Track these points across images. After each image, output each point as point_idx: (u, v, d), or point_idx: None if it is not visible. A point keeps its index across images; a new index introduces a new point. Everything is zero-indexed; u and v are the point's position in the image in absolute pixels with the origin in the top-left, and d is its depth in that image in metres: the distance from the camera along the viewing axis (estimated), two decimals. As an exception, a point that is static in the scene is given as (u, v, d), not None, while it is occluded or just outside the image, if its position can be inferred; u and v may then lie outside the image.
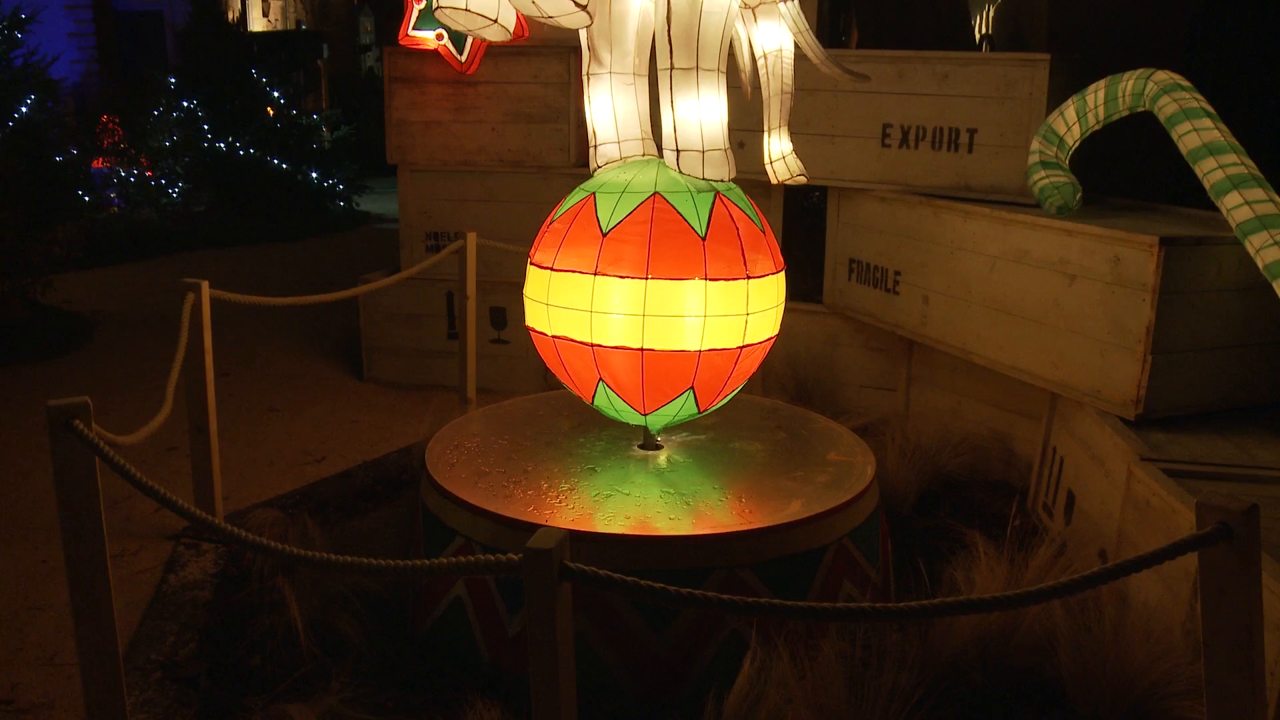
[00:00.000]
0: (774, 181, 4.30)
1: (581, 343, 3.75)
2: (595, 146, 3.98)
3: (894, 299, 6.01)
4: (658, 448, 4.14)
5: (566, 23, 3.57)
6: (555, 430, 4.39)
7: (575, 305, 3.72)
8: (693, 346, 3.66)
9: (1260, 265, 4.15)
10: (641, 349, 3.65)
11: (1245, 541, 2.26)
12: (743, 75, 4.32)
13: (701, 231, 3.67)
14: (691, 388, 3.76)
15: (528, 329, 4.01)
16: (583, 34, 3.97)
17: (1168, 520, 3.70)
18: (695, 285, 3.62)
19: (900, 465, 5.10)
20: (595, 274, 3.67)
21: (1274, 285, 4.07)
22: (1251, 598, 2.28)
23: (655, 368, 3.69)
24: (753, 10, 4.18)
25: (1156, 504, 3.80)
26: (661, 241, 3.64)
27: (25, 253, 8.69)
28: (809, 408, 5.17)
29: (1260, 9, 9.84)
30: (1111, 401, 4.62)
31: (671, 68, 3.68)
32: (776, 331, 3.98)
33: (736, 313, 3.68)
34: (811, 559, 3.57)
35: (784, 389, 6.23)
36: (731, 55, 4.06)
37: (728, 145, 3.85)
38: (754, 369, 3.99)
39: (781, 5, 4.11)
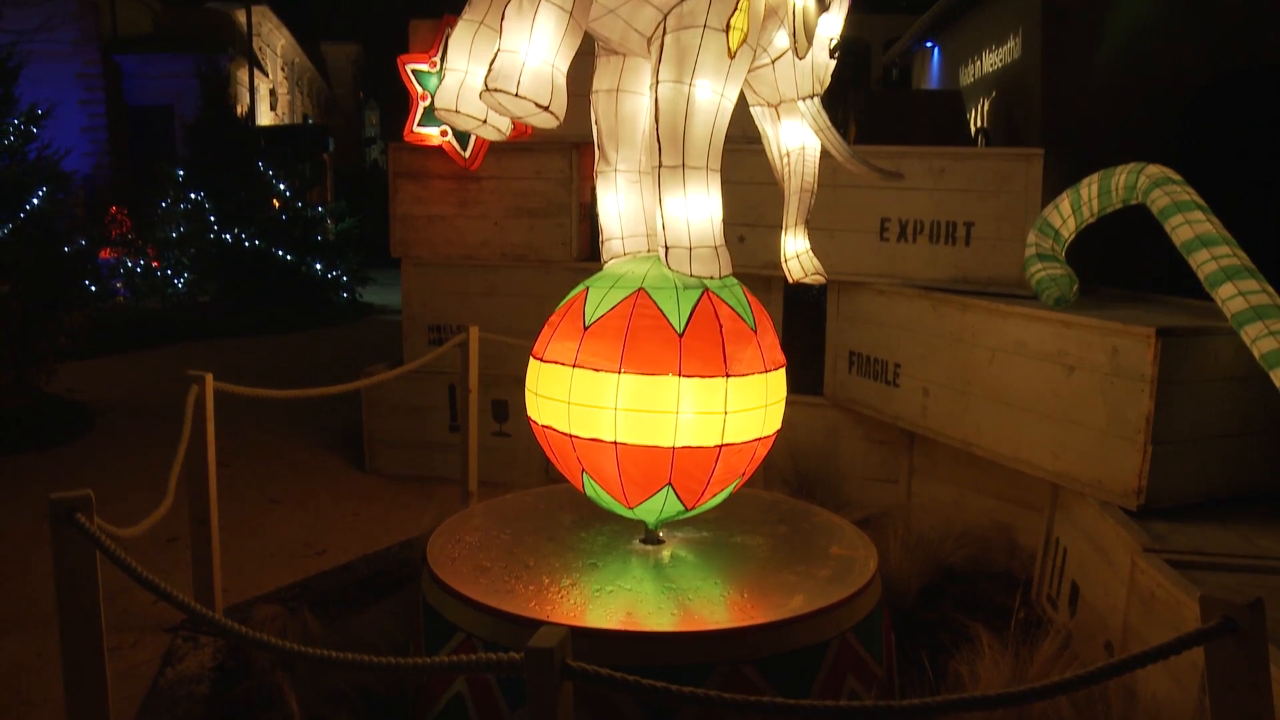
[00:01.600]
0: (790, 280, 4.28)
1: (563, 433, 3.78)
2: (603, 241, 4.05)
3: (894, 391, 6.04)
4: (659, 542, 4.11)
5: (536, 123, 3.60)
6: (556, 524, 4.38)
7: (556, 396, 3.76)
8: (666, 442, 3.64)
9: (1257, 355, 4.18)
10: (615, 442, 3.66)
11: (1252, 635, 2.25)
12: (774, 173, 4.35)
13: (680, 328, 3.67)
14: (670, 484, 3.74)
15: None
16: (594, 131, 4.05)
17: (1173, 612, 3.67)
18: (669, 381, 3.61)
19: (903, 558, 5.08)
20: (574, 366, 3.71)
21: (1271, 375, 4.10)
22: (1260, 692, 2.26)
23: (631, 462, 3.68)
24: (775, 108, 4.23)
25: (1161, 596, 3.78)
26: (637, 336, 3.66)
27: (31, 342, 8.75)
28: (810, 500, 5.16)
29: (1248, 103, 10.04)
30: (1113, 492, 4.61)
31: (659, 165, 3.72)
32: (770, 431, 3.91)
33: (713, 410, 3.65)
34: (814, 654, 3.53)
35: (785, 481, 6.22)
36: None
37: (719, 242, 3.83)
38: (745, 468, 3.92)
39: (801, 104, 4.12)
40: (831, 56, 4.18)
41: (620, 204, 4.05)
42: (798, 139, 4.23)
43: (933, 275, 6.02)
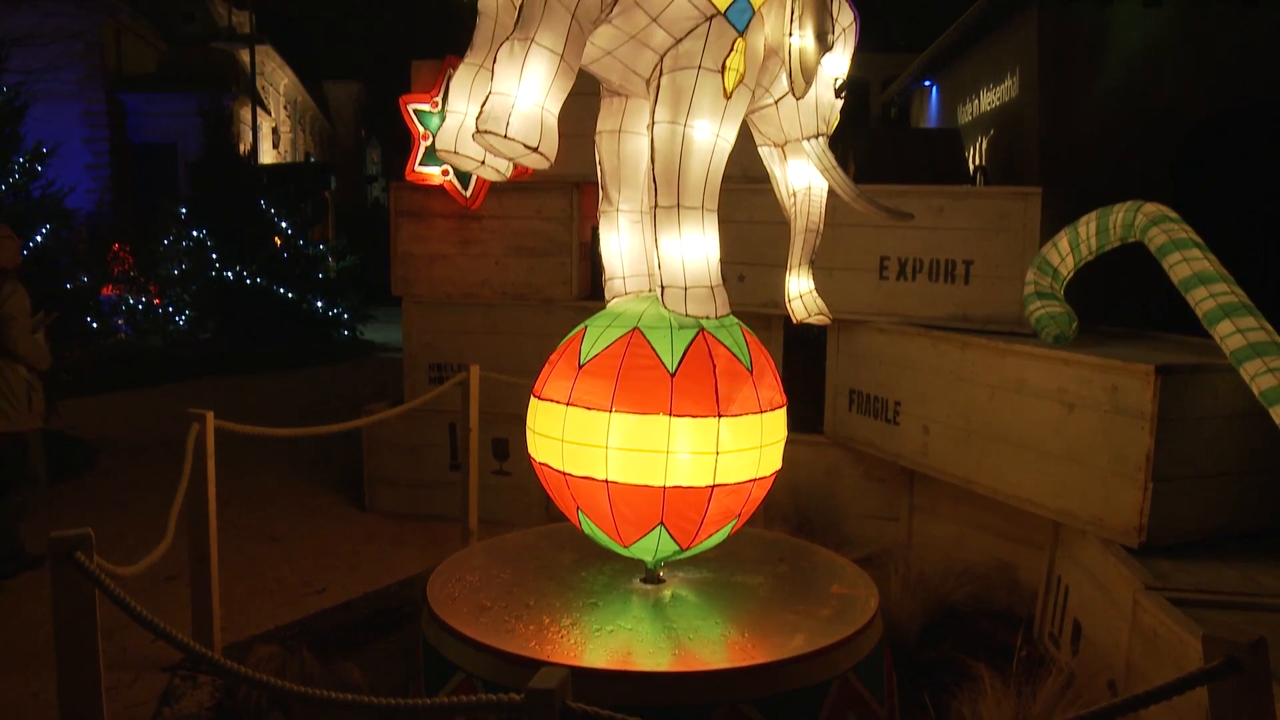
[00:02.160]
0: (794, 320, 4.29)
1: (558, 471, 3.79)
2: (606, 281, 4.07)
3: (894, 429, 6.04)
4: (659, 582, 4.10)
5: (528, 163, 3.62)
6: (557, 564, 4.37)
7: (551, 434, 3.78)
8: (657, 482, 3.64)
9: (1256, 392, 4.19)
10: (607, 481, 3.67)
11: (1255, 675, 2.24)
12: (783, 213, 4.36)
13: (672, 367, 3.67)
14: (662, 523, 3.73)
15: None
16: (598, 172, 4.09)
17: (1176, 650, 3.66)
18: (659, 420, 3.62)
19: (904, 596, 5.05)
20: (568, 404, 3.73)
21: (1270, 412, 4.10)
22: (1263, 733, 2.25)
23: (623, 501, 3.68)
24: (781, 148, 4.25)
25: (1164, 634, 3.76)
26: (629, 376, 3.67)
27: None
28: (811, 539, 5.15)
29: (1243, 140, 10.11)
30: (1114, 529, 4.60)
31: (655, 205, 3.75)
32: (766, 472, 3.89)
33: (705, 451, 3.65)
34: (815, 694, 3.51)
35: (786, 520, 6.21)
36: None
37: (716, 282, 3.83)
38: (741, 509, 3.90)
39: (806, 144, 4.15)
40: (838, 96, 4.21)
41: (622, 243, 4.07)
42: (804, 179, 4.24)
43: (932, 313, 6.04)
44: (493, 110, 3.39)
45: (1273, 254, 9.23)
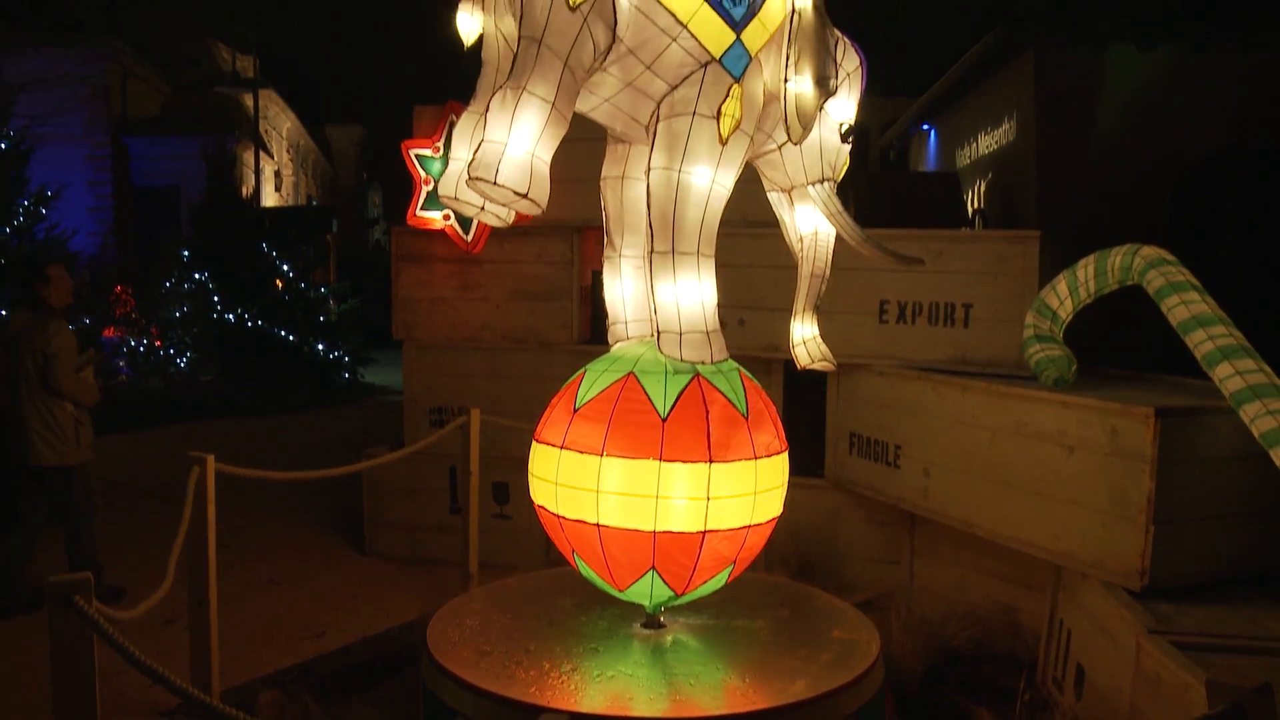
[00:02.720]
0: (798, 366, 4.29)
1: (553, 513, 3.79)
2: (609, 325, 4.09)
3: (895, 472, 6.03)
4: (660, 627, 4.08)
5: (519, 209, 3.65)
6: (557, 608, 4.35)
7: (547, 476, 3.79)
8: (647, 526, 3.62)
9: (1256, 434, 4.19)
10: (598, 525, 3.66)
11: (1257, 722, 2.23)
12: (794, 258, 4.37)
13: (664, 412, 3.67)
14: (654, 568, 3.72)
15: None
16: (603, 217, 4.11)
17: (1180, 695, 3.64)
18: (649, 465, 3.61)
19: (905, 640, 5.03)
20: (562, 447, 3.73)
21: (1271, 454, 4.10)
22: (1266, 781, 2.24)
23: (614, 544, 3.68)
24: (788, 193, 4.26)
25: (1168, 678, 3.74)
26: (621, 420, 3.67)
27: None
28: (812, 582, 5.13)
29: (1239, 184, 10.18)
30: (1116, 573, 4.59)
31: (651, 251, 3.77)
32: (762, 519, 3.84)
33: (696, 496, 3.63)
34: (818, 740, 3.49)
35: (786, 564, 6.19)
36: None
37: (712, 327, 3.83)
38: (736, 555, 3.86)
39: (811, 189, 4.15)
40: (844, 141, 4.21)
41: (625, 289, 4.09)
42: (810, 224, 4.24)
43: (932, 356, 6.06)
44: (484, 157, 3.43)
45: (1270, 297, 9.26)
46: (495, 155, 3.43)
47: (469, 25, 3.92)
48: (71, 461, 6.39)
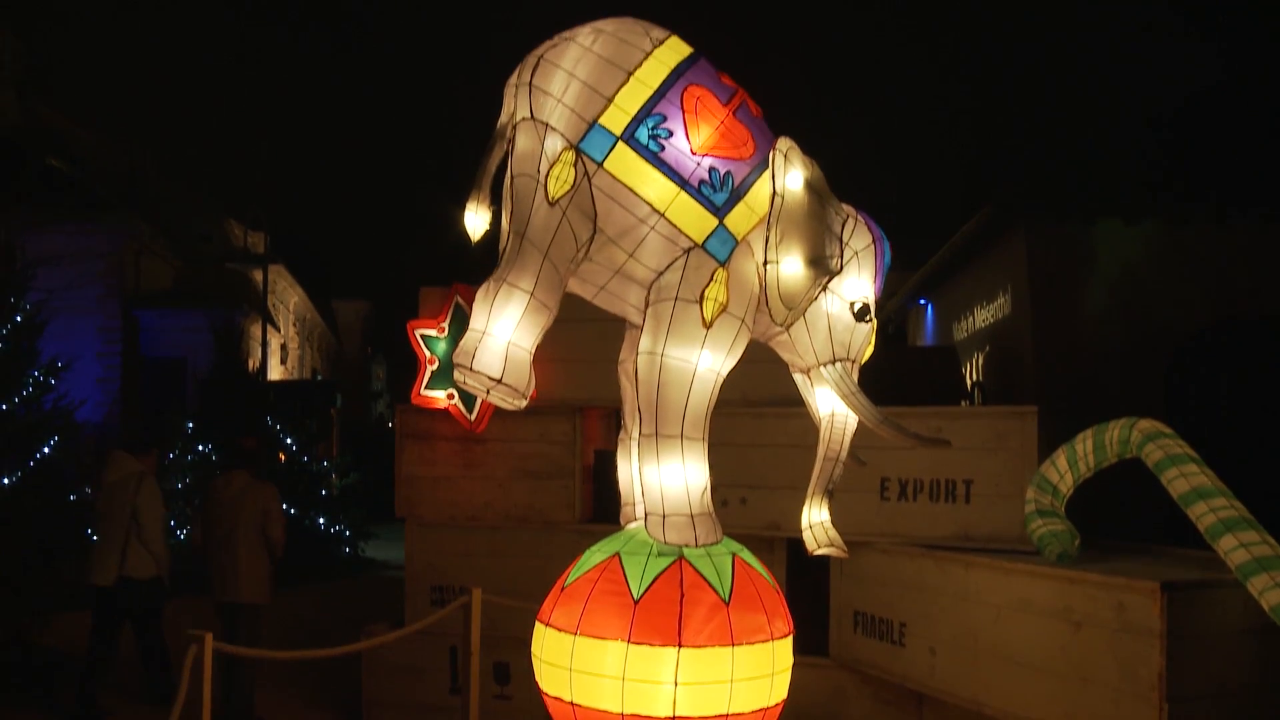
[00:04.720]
0: (809, 551, 4.28)
1: (540, 688, 3.87)
2: (621, 507, 4.15)
3: (900, 651, 5.96)
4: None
5: (498, 395, 3.78)
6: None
7: (534, 651, 3.88)
8: (614, 708, 3.60)
9: (1265, 608, 4.15)
10: (572, 703, 3.67)
11: None
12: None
13: (637, 594, 3.67)
14: None
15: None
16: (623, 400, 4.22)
17: None
18: (616, 646, 3.61)
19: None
20: (547, 625, 3.82)
21: (1281, 626, 4.06)
22: None
23: None
24: (807, 374, 4.30)
25: None
26: (597, 600, 3.71)
27: (26, 593, 8.66)
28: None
29: (1232, 356, 10.31)
30: (1131, 753, 4.49)
31: (639, 434, 3.85)
32: (747, 709, 3.73)
33: (662, 680, 3.59)
34: None
35: (793, 746, 6.05)
36: None
37: (697, 510, 3.83)
38: None
39: (824, 369, 4.17)
40: (860, 320, 4.21)
41: (635, 470, 4.13)
42: (829, 405, 4.25)
43: (935, 533, 6.05)
44: (465, 345, 3.62)
45: (1269, 467, 9.26)
46: (474, 343, 3.62)
47: (475, 223, 4.11)
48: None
